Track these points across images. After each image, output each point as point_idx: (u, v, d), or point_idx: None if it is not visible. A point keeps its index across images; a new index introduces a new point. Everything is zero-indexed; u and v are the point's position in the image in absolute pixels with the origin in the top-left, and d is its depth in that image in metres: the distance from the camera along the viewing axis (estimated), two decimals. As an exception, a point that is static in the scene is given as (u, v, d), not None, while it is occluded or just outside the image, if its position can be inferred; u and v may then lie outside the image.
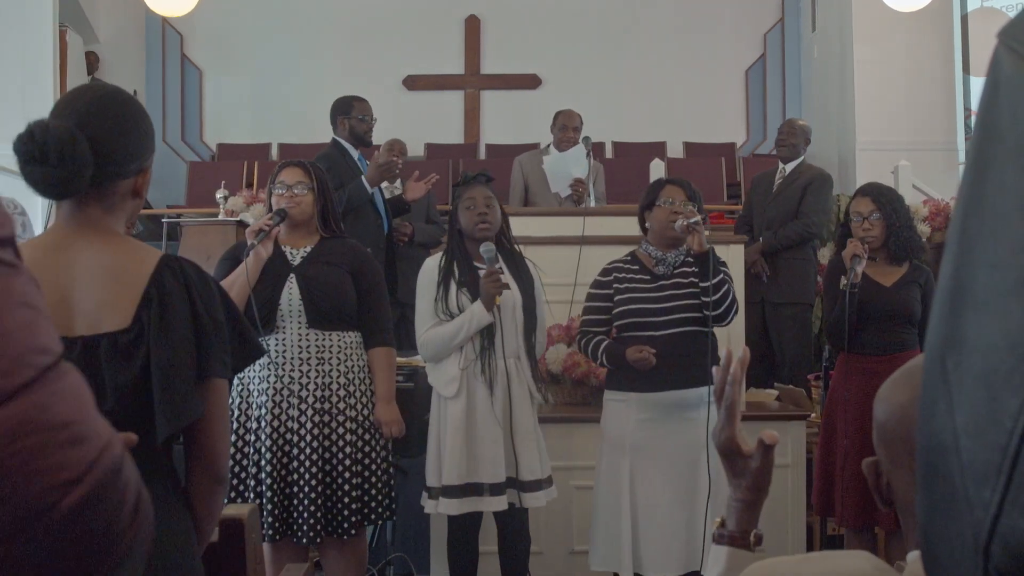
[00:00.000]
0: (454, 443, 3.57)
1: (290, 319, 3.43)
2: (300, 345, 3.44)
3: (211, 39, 10.01)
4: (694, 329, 3.57)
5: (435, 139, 9.74)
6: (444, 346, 3.60)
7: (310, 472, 3.38)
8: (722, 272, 3.58)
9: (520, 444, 3.59)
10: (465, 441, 3.58)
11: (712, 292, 3.52)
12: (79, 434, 0.66)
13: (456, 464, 3.56)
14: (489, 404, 3.58)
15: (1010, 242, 0.48)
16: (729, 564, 1.43)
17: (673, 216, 3.59)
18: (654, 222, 3.67)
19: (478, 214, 3.63)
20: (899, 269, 4.02)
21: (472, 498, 3.57)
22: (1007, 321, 0.48)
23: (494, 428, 3.57)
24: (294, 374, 3.43)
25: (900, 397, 1.22)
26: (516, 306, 3.64)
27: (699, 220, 3.54)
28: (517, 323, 3.65)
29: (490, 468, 3.56)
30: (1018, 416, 0.47)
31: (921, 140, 7.89)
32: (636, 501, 3.56)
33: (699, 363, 3.51)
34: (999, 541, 0.48)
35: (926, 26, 7.98)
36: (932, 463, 0.53)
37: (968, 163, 0.53)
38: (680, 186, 3.71)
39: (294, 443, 3.40)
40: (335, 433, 3.43)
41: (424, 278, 3.71)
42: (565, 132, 5.97)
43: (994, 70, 0.51)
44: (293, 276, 3.47)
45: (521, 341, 3.66)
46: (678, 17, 9.86)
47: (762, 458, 1.44)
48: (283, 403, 3.42)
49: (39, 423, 0.64)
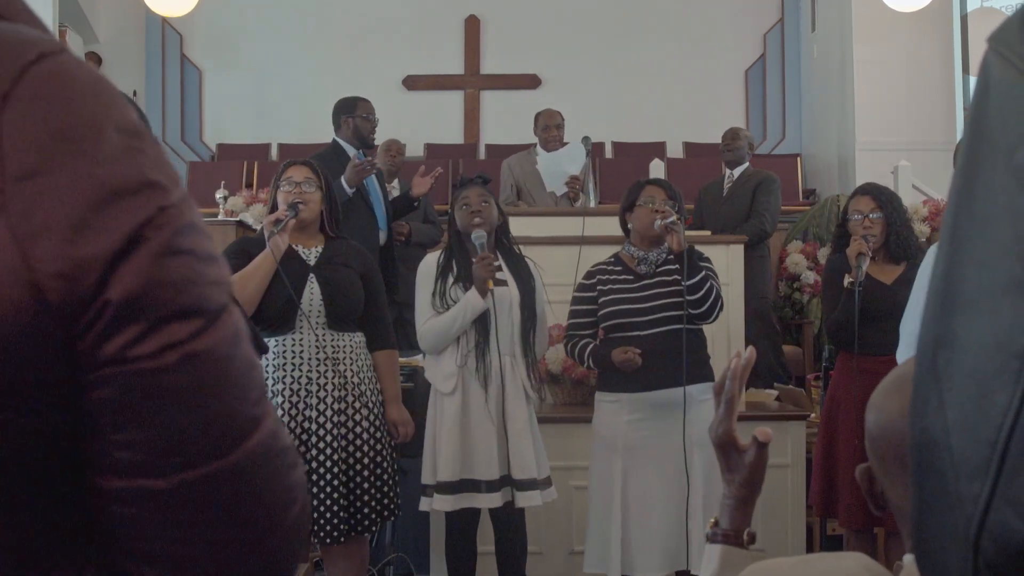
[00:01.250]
0: (449, 439, 3.59)
1: (308, 319, 3.44)
2: (317, 345, 3.43)
3: (211, 39, 10.01)
4: (679, 327, 3.59)
5: (435, 139, 9.75)
6: (442, 336, 3.64)
7: (332, 472, 3.38)
8: (704, 269, 3.61)
9: (513, 442, 3.61)
10: (460, 438, 3.60)
11: (693, 291, 3.54)
12: (295, 458, 0.70)
13: (451, 460, 3.58)
14: (483, 401, 3.60)
15: (999, 243, 0.49)
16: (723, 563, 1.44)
17: (653, 216, 3.63)
18: (635, 222, 3.71)
19: (471, 212, 3.67)
20: (898, 268, 4.02)
21: (466, 494, 3.59)
22: (997, 319, 0.49)
23: (488, 425, 3.59)
24: (312, 374, 3.43)
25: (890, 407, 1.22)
26: (513, 304, 3.66)
27: (675, 220, 3.57)
28: (513, 321, 3.67)
29: (484, 465, 3.58)
30: (1007, 412, 0.48)
31: (921, 140, 7.90)
32: (628, 502, 3.57)
33: (688, 360, 3.53)
34: (989, 535, 0.49)
35: (926, 26, 7.99)
36: (923, 459, 0.54)
37: (959, 165, 0.54)
38: (660, 186, 3.75)
39: (313, 443, 3.40)
40: (352, 432, 3.44)
41: (423, 273, 3.75)
42: (548, 131, 5.98)
43: (984, 74, 0.52)
44: (313, 276, 3.47)
45: (517, 339, 3.68)
46: (678, 17, 9.86)
47: (756, 454, 1.45)
48: (300, 403, 3.42)
49: (274, 449, 0.67)
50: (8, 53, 0.62)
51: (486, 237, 3.62)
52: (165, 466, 0.63)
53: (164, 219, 0.63)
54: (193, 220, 0.65)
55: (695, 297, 3.55)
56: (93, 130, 0.62)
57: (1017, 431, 0.47)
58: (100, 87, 0.65)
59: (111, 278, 0.60)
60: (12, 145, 0.60)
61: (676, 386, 3.55)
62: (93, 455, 0.64)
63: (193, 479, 0.63)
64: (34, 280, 0.59)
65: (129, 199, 0.62)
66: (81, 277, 0.60)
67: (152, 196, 0.63)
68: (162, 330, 0.61)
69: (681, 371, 3.53)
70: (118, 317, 0.61)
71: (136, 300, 0.61)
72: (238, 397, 0.65)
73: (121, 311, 0.61)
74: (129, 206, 0.61)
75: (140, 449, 0.63)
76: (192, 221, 0.65)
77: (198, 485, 0.63)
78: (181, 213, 0.64)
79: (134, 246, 0.61)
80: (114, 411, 0.62)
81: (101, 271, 0.60)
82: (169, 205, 0.63)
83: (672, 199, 3.68)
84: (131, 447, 0.63)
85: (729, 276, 4.51)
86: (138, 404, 0.62)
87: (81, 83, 0.64)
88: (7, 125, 0.60)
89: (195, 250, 0.64)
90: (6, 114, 0.60)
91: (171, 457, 0.63)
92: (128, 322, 0.61)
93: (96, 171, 0.61)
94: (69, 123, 0.61)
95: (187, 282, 0.63)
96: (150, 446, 0.63)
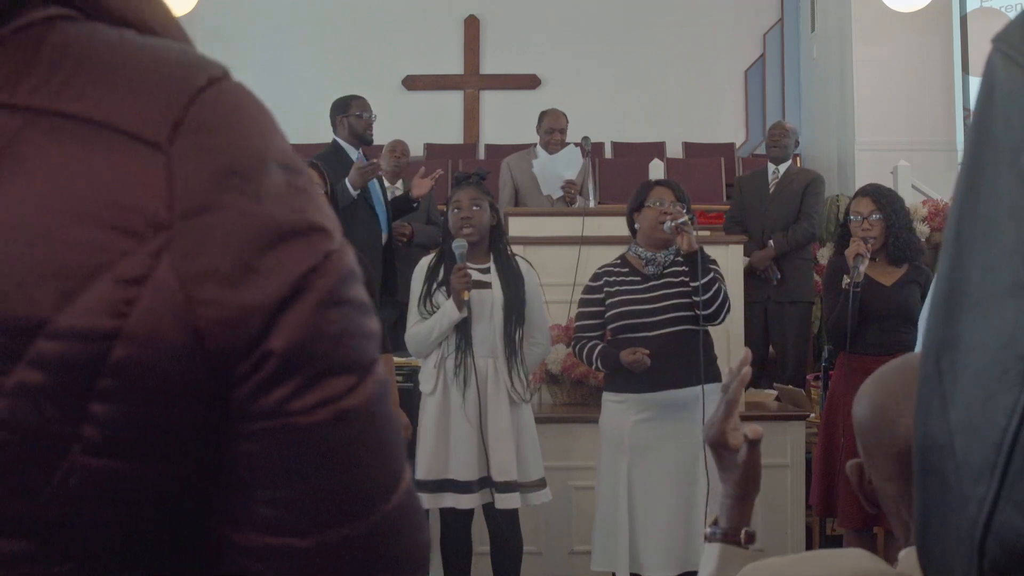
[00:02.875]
0: (428, 439, 3.63)
1: None
2: None
3: (211, 39, 10.00)
4: (687, 328, 3.59)
5: (434, 139, 9.75)
6: (423, 342, 3.68)
7: None
8: (712, 271, 3.60)
9: (493, 444, 3.61)
10: (438, 437, 3.62)
11: (702, 291, 3.54)
12: (423, 519, 0.68)
13: (429, 459, 3.60)
14: (460, 403, 3.61)
15: (1003, 245, 0.49)
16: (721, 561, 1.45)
17: (662, 217, 3.62)
18: (643, 223, 3.70)
19: (462, 217, 3.68)
20: (898, 270, 4.03)
21: (443, 494, 3.61)
22: (1000, 321, 0.49)
23: (465, 427, 3.60)
24: None
25: (874, 396, 1.24)
26: (495, 306, 3.66)
27: (687, 220, 3.56)
28: (495, 323, 3.66)
29: (461, 466, 3.59)
30: (1012, 414, 0.48)
31: (920, 140, 7.89)
32: (635, 501, 3.58)
33: (695, 362, 3.53)
34: (994, 538, 0.49)
35: (926, 26, 7.98)
36: (927, 461, 0.54)
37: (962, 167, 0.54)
38: (668, 187, 3.74)
39: None
40: None
41: (415, 276, 3.79)
42: (552, 135, 5.96)
43: (989, 75, 0.52)
44: None
45: (499, 341, 3.67)
46: (677, 17, 9.86)
47: (748, 453, 1.45)
48: None
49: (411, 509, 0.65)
50: (178, 76, 0.60)
51: (466, 247, 3.62)
52: (307, 525, 0.60)
53: (329, 266, 0.59)
54: (353, 268, 0.62)
55: (704, 298, 3.55)
56: (259, 165, 0.59)
57: (1023, 433, 0.47)
58: (264, 116, 0.62)
59: (274, 327, 0.57)
60: (183, 178, 0.56)
61: (684, 386, 3.55)
62: (233, 509, 0.61)
63: (336, 539, 0.61)
64: (195, 325, 0.56)
65: (295, 243, 0.58)
66: (244, 325, 0.57)
67: (318, 241, 0.59)
68: (320, 385, 0.59)
69: (689, 371, 3.54)
70: (279, 369, 0.58)
71: (297, 352, 0.58)
72: (384, 455, 0.63)
73: (282, 363, 0.58)
74: (295, 250, 0.58)
75: (284, 506, 0.60)
76: (353, 269, 0.62)
77: (341, 546, 0.61)
78: (343, 259, 0.61)
79: (299, 294, 0.58)
80: (263, 466, 0.60)
81: (265, 320, 0.57)
82: (334, 251, 0.60)
83: (680, 200, 3.67)
84: (275, 504, 0.60)
85: (729, 276, 4.51)
86: (287, 460, 0.59)
87: (248, 113, 0.61)
88: (178, 156, 0.57)
89: (353, 300, 0.61)
90: (177, 144, 0.57)
91: (314, 516, 0.60)
92: (288, 375, 0.58)
93: (262, 211, 0.58)
94: (237, 157, 0.58)
95: (345, 334, 0.60)
96: (295, 504, 0.60)
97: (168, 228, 0.56)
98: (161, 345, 0.56)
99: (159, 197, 0.56)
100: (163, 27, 0.65)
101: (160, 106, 0.58)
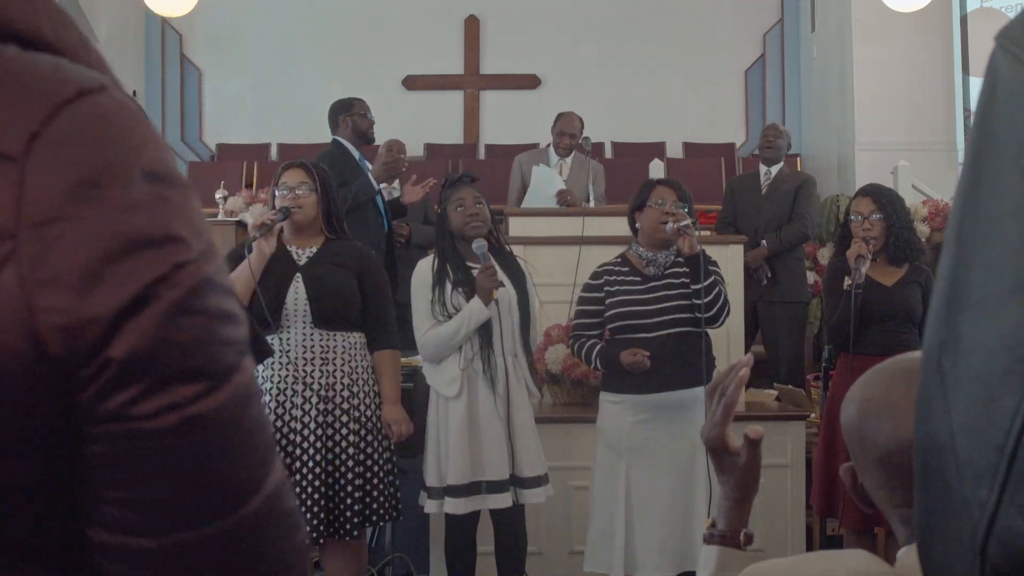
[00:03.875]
0: (458, 443, 3.59)
1: (295, 318, 3.45)
2: (305, 345, 3.45)
3: (211, 39, 10.01)
4: (687, 330, 3.58)
5: (435, 139, 9.75)
6: (444, 345, 3.62)
7: (313, 472, 3.38)
8: (713, 273, 3.59)
9: (519, 441, 3.63)
10: (469, 440, 3.59)
11: (704, 294, 3.52)
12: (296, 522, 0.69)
13: (461, 464, 3.58)
14: (492, 402, 3.60)
15: (1005, 245, 0.48)
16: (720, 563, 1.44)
17: (664, 217, 3.59)
18: (644, 223, 3.67)
19: (469, 214, 3.65)
20: (899, 270, 4.03)
21: (477, 496, 3.60)
22: (1003, 322, 0.48)
23: (497, 426, 3.60)
24: (298, 373, 3.44)
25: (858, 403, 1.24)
26: (512, 304, 3.67)
27: (690, 223, 3.54)
28: (514, 321, 3.67)
29: (495, 466, 3.59)
30: (1015, 415, 0.47)
31: (920, 140, 7.89)
32: (631, 502, 3.57)
33: (693, 363, 3.51)
34: (996, 540, 0.48)
35: (926, 26, 7.98)
36: (928, 463, 0.53)
37: (965, 165, 0.53)
38: (671, 187, 3.71)
39: (297, 443, 3.41)
40: (338, 434, 3.44)
41: (418, 280, 3.73)
42: (562, 138, 5.99)
43: (991, 73, 0.51)
44: (299, 275, 3.48)
45: (518, 339, 3.68)
46: (677, 17, 9.85)
47: (749, 454, 1.44)
48: (287, 403, 3.44)
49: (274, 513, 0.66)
50: (43, 89, 0.60)
51: (487, 245, 3.61)
52: (156, 526, 0.62)
53: (179, 277, 0.61)
54: (211, 276, 0.63)
55: (705, 301, 3.54)
56: (119, 176, 0.60)
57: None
58: (136, 127, 0.62)
59: (115, 336, 0.59)
60: (34, 189, 0.58)
61: (683, 387, 3.54)
62: (87, 507, 0.63)
63: (186, 541, 0.62)
64: (35, 331, 0.58)
65: (144, 253, 0.60)
66: (84, 333, 0.58)
67: (170, 251, 0.61)
68: (164, 391, 0.60)
69: (687, 373, 3.53)
70: (119, 375, 0.59)
71: (139, 360, 0.59)
72: (239, 461, 0.64)
73: (123, 370, 0.59)
74: (143, 260, 0.59)
75: (131, 507, 0.62)
76: (210, 277, 0.63)
77: (191, 548, 0.62)
78: (199, 269, 0.62)
79: (142, 305, 0.59)
80: (108, 467, 0.61)
81: (105, 329, 0.59)
82: (187, 261, 0.61)
83: (683, 200, 3.65)
84: (122, 504, 0.62)
85: (728, 276, 4.50)
86: (133, 463, 0.61)
87: (115, 125, 0.61)
88: (32, 167, 0.58)
89: (208, 309, 0.62)
90: (33, 155, 0.58)
91: (163, 518, 0.62)
92: (129, 381, 0.59)
93: (115, 219, 0.59)
94: (96, 168, 0.59)
95: (196, 342, 0.61)
96: (142, 505, 0.62)
97: (13, 237, 0.57)
98: (1, 348, 0.58)
99: (7, 208, 0.57)
100: (61, 43, 0.66)
101: (19, 119, 0.59)
